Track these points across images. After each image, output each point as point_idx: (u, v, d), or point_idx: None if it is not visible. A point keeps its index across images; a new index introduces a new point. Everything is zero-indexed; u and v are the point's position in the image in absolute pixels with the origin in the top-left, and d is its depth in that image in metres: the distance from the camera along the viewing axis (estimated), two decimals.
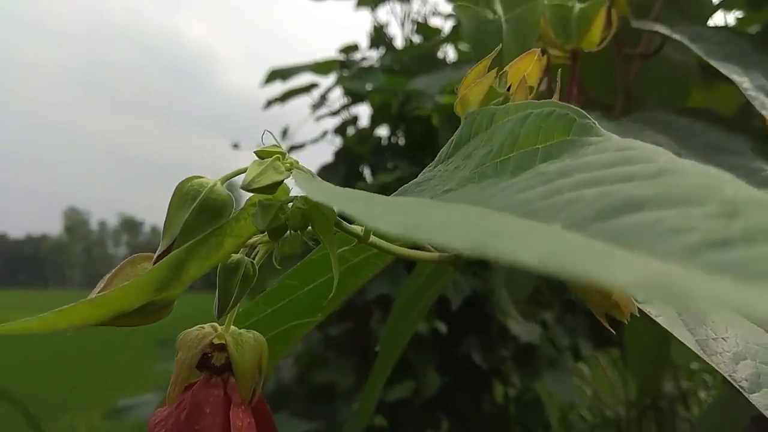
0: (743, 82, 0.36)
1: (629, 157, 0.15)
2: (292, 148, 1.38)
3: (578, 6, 0.35)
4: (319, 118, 1.34)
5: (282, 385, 1.20)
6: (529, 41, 0.32)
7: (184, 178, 0.17)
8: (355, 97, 1.32)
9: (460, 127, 0.20)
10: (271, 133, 0.19)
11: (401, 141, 1.31)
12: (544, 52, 0.37)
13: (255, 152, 0.17)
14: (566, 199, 0.13)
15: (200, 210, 0.16)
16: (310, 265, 0.24)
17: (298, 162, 0.18)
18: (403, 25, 1.42)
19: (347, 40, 1.48)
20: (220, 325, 0.20)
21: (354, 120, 1.34)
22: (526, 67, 0.21)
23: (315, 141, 1.37)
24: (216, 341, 0.19)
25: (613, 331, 0.19)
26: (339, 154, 1.32)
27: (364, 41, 1.48)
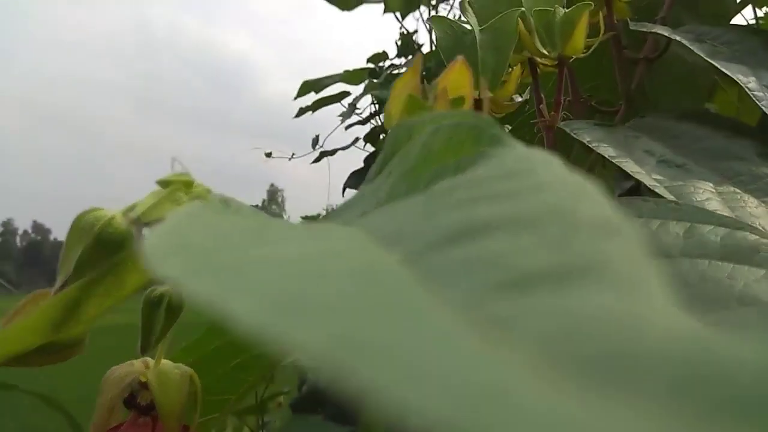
0: (749, 82, 0.34)
1: (515, 171, 0.13)
2: (323, 155, 1.40)
3: (561, 11, 0.33)
4: (348, 127, 1.35)
5: (316, 389, 1.20)
6: (505, 52, 0.31)
7: (82, 211, 0.16)
8: (384, 104, 1.32)
9: (384, 143, 0.19)
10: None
11: None
12: (531, 60, 0.36)
13: (157, 181, 0.16)
14: (428, 223, 0.12)
15: (95, 245, 0.16)
16: None
17: (209, 191, 0.18)
18: (430, 31, 1.42)
19: (379, 47, 1.48)
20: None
21: (384, 127, 1.34)
22: (455, 78, 0.20)
23: (346, 148, 1.38)
24: (142, 379, 0.19)
25: None
26: (368, 160, 1.32)
27: (393, 49, 1.48)
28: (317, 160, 1.41)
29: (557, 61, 0.34)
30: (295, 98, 1.44)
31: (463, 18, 0.36)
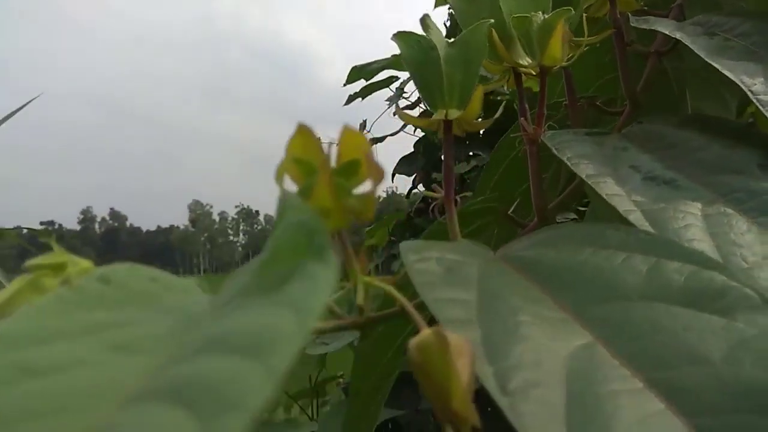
0: (754, 84, 0.31)
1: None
2: (372, 142, 1.39)
3: (540, 18, 0.31)
4: (396, 113, 1.33)
5: None
6: (474, 67, 0.29)
7: None
8: None
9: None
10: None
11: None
12: (514, 69, 0.34)
13: (27, 264, 0.16)
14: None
15: None
16: None
17: (88, 269, 0.17)
18: None
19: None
20: None
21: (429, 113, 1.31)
22: (349, 141, 0.19)
23: (395, 133, 1.36)
24: None
25: None
26: (417, 145, 1.31)
27: (443, 30, 1.45)
28: None
29: (539, 71, 0.32)
30: (345, 85, 1.44)
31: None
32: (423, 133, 1.38)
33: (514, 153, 0.39)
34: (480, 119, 0.31)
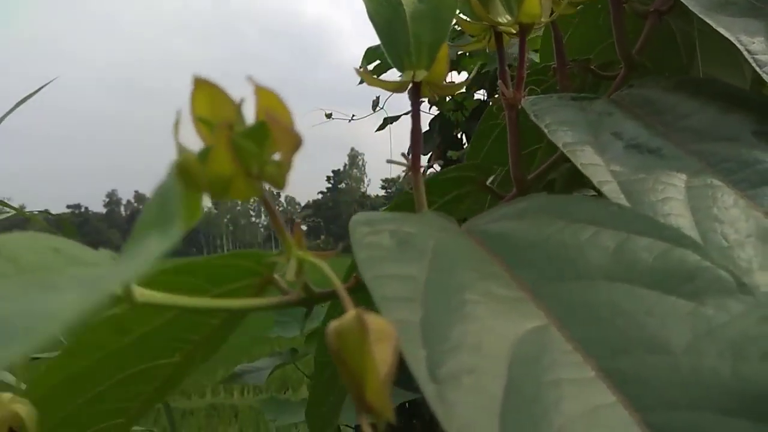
0: (752, 43, 0.28)
1: None
2: (387, 122, 1.36)
3: None
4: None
5: None
6: (445, 25, 0.27)
7: None
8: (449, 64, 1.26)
9: None
10: None
11: None
12: (494, 28, 0.32)
13: None
14: None
15: None
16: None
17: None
18: None
19: None
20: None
21: None
22: (264, 101, 0.17)
23: (409, 112, 1.33)
24: None
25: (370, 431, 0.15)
26: (433, 122, 1.28)
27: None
28: (381, 127, 1.38)
29: (519, 30, 0.29)
30: (360, 67, 1.40)
31: None
32: (438, 111, 1.35)
33: (501, 125, 0.37)
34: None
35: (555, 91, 0.36)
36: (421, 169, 0.28)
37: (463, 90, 1.34)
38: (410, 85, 0.28)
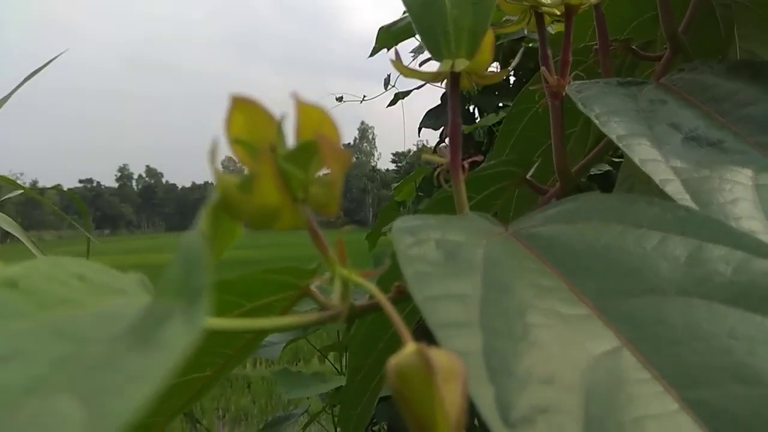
0: None
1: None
2: (398, 97, 1.33)
3: None
4: (423, 63, 1.26)
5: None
6: (486, 8, 0.25)
7: None
8: None
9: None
10: None
11: (511, 78, 1.21)
12: (535, 9, 0.29)
13: None
14: None
15: None
16: None
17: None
18: None
19: None
20: None
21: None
22: (307, 117, 0.15)
23: (419, 87, 1.30)
24: None
25: None
26: (444, 97, 1.25)
27: None
28: (392, 103, 1.35)
29: (564, 11, 0.27)
30: (374, 51, 1.36)
31: None
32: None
33: (535, 108, 0.35)
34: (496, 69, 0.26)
35: (595, 74, 0.34)
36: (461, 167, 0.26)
37: None
38: (448, 76, 0.26)
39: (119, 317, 0.15)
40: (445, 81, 0.26)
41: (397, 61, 0.25)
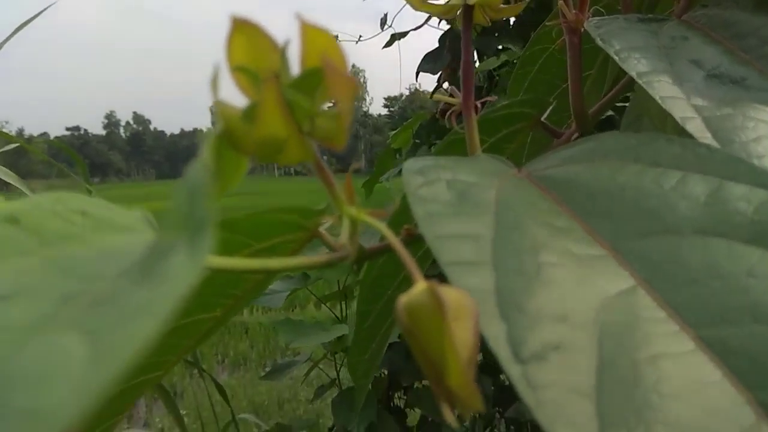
0: None
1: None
2: (394, 38, 1.30)
3: None
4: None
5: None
6: None
7: None
8: None
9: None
10: None
11: (511, 19, 1.17)
12: None
13: None
14: None
15: None
16: None
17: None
18: None
19: None
20: None
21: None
22: (311, 41, 0.14)
23: (418, 28, 1.27)
24: None
25: (454, 421, 0.14)
26: (443, 39, 1.21)
27: None
28: (388, 44, 1.31)
29: None
30: None
31: None
32: (449, 26, 1.28)
33: (552, 48, 0.33)
34: (509, 4, 0.25)
35: (614, 11, 0.33)
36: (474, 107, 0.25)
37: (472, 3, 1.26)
38: (461, 9, 0.25)
39: (124, 254, 0.15)
40: (459, 17, 0.25)
41: None
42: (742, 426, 0.13)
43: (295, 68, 0.13)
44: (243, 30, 0.13)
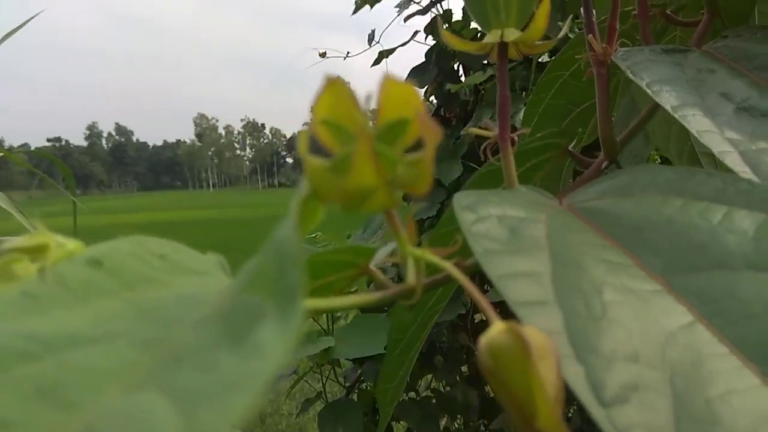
0: None
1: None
2: (382, 55, 1.31)
3: None
4: (408, 18, 1.24)
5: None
6: None
7: None
8: None
9: None
10: None
11: None
12: None
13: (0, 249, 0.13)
14: None
15: None
16: None
17: (80, 248, 0.14)
18: None
19: None
20: None
21: (448, 15, 1.22)
22: (390, 94, 0.14)
23: (405, 44, 1.28)
24: None
25: None
26: (429, 54, 1.22)
27: None
28: (376, 62, 1.32)
29: None
30: (357, 7, 1.33)
31: None
32: (434, 41, 1.29)
33: (566, 75, 0.34)
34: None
35: (631, 40, 0.33)
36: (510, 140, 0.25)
37: (460, 18, 1.27)
38: (496, 47, 0.25)
39: (202, 300, 0.15)
40: (493, 53, 0.26)
41: (447, 33, 0.24)
42: None
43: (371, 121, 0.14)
44: (333, 88, 0.13)
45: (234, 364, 0.11)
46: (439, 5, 1.19)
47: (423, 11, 1.21)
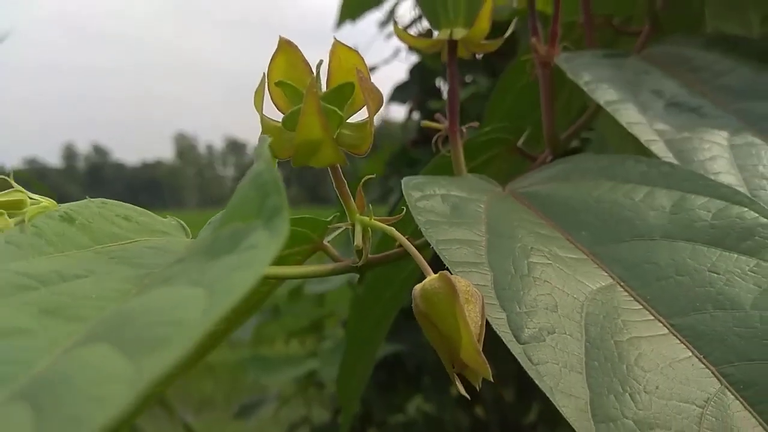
0: None
1: None
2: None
3: None
4: (390, 35, 1.27)
5: None
6: None
7: None
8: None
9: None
10: None
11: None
12: None
13: None
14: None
15: None
16: None
17: (53, 205, 0.16)
18: None
19: None
20: None
21: (429, 33, 1.25)
22: (341, 59, 0.16)
23: (388, 61, 1.31)
24: None
25: (465, 393, 0.15)
26: (413, 72, 1.25)
27: None
28: None
29: None
30: (339, 21, 1.36)
31: None
32: (418, 60, 1.32)
33: (525, 79, 0.36)
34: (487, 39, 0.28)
35: (580, 47, 0.36)
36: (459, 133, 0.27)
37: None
38: (446, 44, 0.27)
39: (168, 251, 0.17)
40: (443, 51, 0.28)
41: (399, 30, 0.26)
42: (708, 392, 0.16)
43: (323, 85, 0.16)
44: (286, 50, 0.15)
45: (232, 259, 0.11)
46: (419, 22, 1.22)
47: (404, 28, 1.24)
